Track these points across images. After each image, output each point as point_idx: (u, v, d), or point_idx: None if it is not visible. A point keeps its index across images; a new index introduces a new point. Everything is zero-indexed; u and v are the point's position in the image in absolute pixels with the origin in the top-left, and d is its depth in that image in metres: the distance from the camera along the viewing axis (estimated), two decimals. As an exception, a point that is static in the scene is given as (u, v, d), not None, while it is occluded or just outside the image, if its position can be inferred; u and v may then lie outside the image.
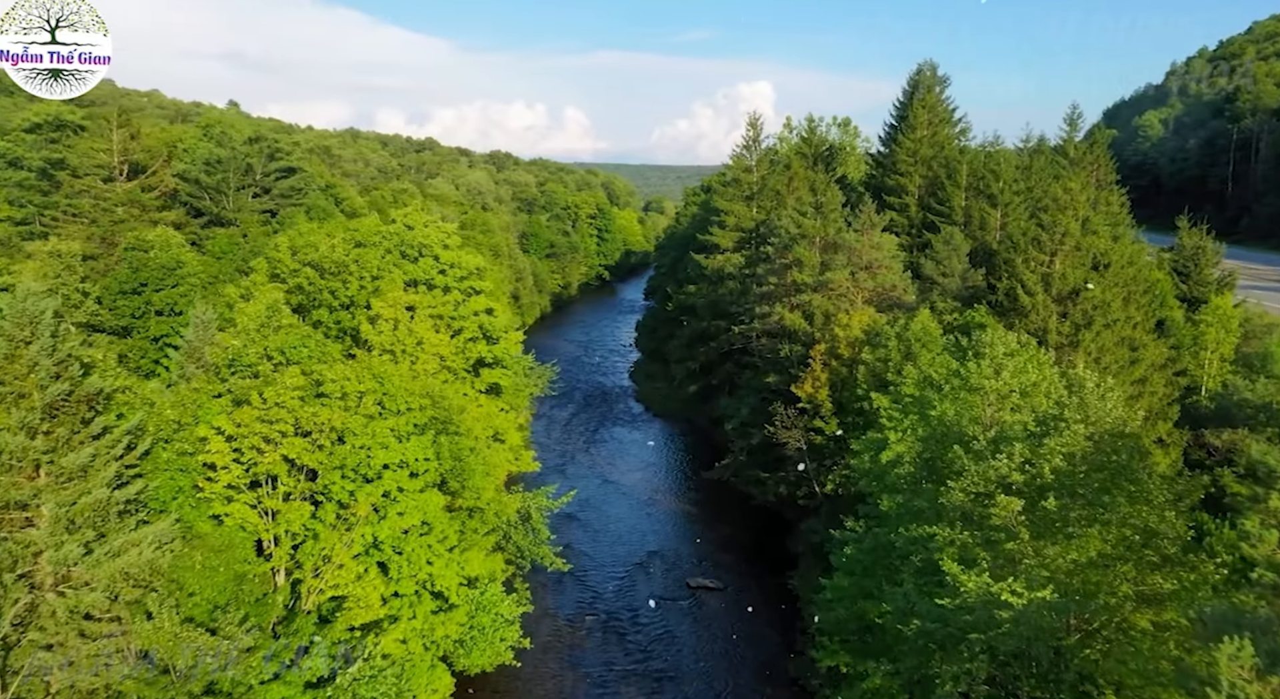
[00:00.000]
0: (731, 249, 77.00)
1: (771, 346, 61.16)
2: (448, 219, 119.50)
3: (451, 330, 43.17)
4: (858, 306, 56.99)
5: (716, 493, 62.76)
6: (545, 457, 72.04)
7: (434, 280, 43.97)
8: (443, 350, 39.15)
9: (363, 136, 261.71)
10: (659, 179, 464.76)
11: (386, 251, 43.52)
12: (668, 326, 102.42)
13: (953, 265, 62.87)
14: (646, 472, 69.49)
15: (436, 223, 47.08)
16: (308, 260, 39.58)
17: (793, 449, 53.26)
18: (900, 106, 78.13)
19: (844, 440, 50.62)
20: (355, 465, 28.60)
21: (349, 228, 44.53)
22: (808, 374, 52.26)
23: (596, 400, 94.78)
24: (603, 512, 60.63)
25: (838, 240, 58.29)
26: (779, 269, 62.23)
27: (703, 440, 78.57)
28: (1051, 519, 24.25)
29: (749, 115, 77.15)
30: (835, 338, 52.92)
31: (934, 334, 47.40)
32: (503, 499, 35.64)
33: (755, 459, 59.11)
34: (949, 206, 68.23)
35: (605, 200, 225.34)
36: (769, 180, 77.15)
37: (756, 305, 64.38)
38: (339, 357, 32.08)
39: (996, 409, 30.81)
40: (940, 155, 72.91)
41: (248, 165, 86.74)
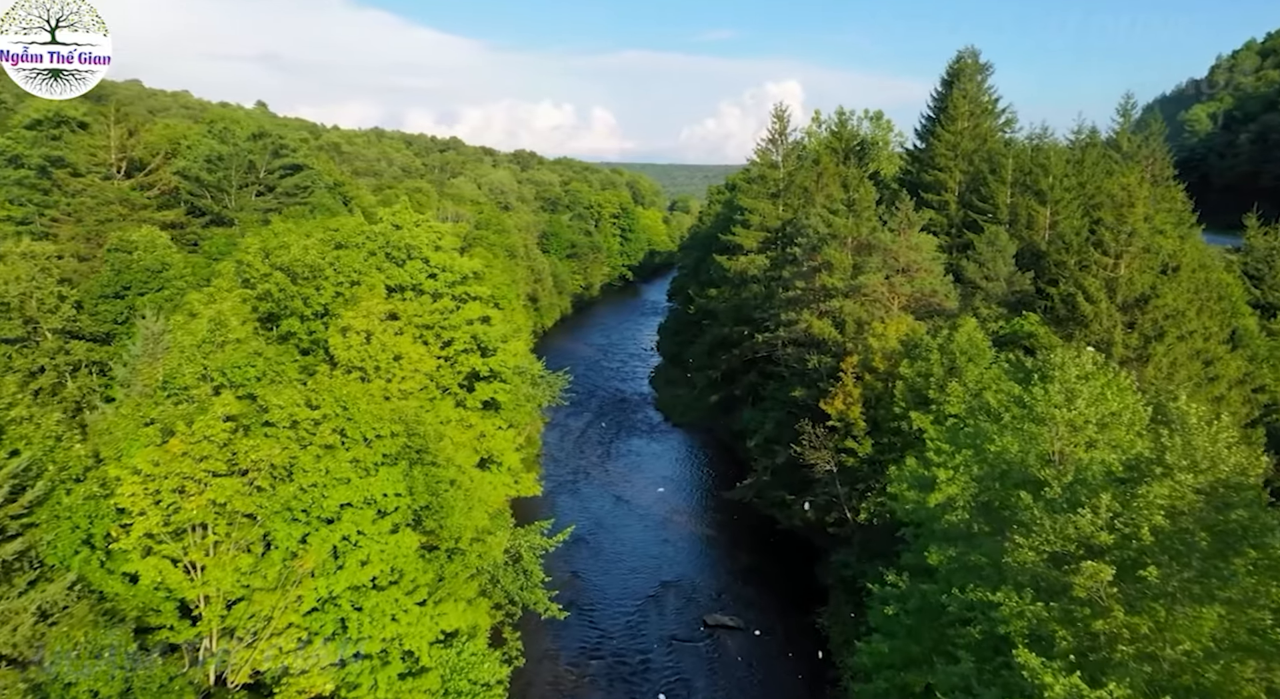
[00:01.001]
0: (756, 250, 72.08)
1: (798, 356, 56.24)
2: (461, 218, 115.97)
3: (441, 341, 38.80)
4: (894, 314, 51.91)
5: (738, 515, 57.98)
6: (556, 471, 67.67)
7: (422, 285, 39.63)
8: (425, 366, 34.77)
9: (387, 136, 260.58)
10: (686, 179, 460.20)
11: (370, 254, 39.25)
12: (690, 330, 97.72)
13: (998, 268, 57.64)
14: (663, 489, 64.79)
15: (428, 222, 42.75)
16: (279, 263, 35.40)
17: (821, 471, 48.35)
18: (938, 97, 72.80)
19: (879, 464, 45.63)
20: (305, 507, 24.26)
21: (328, 227, 40.37)
22: (838, 389, 47.30)
23: (613, 408, 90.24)
24: (615, 535, 56.05)
25: (872, 241, 53.26)
26: (807, 272, 57.27)
27: (724, 454, 73.73)
28: (1153, 594, 19.28)
29: (775, 106, 72.30)
30: (869, 349, 47.91)
31: (981, 346, 42.32)
32: (488, 539, 31.20)
33: (780, 479, 54.25)
34: (993, 204, 62.89)
35: (629, 199, 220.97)
36: (796, 176, 72.14)
37: (782, 311, 59.47)
38: (295, 376, 27.79)
39: (1066, 443, 25.81)
40: (982, 149, 67.54)
41: (250, 162, 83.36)
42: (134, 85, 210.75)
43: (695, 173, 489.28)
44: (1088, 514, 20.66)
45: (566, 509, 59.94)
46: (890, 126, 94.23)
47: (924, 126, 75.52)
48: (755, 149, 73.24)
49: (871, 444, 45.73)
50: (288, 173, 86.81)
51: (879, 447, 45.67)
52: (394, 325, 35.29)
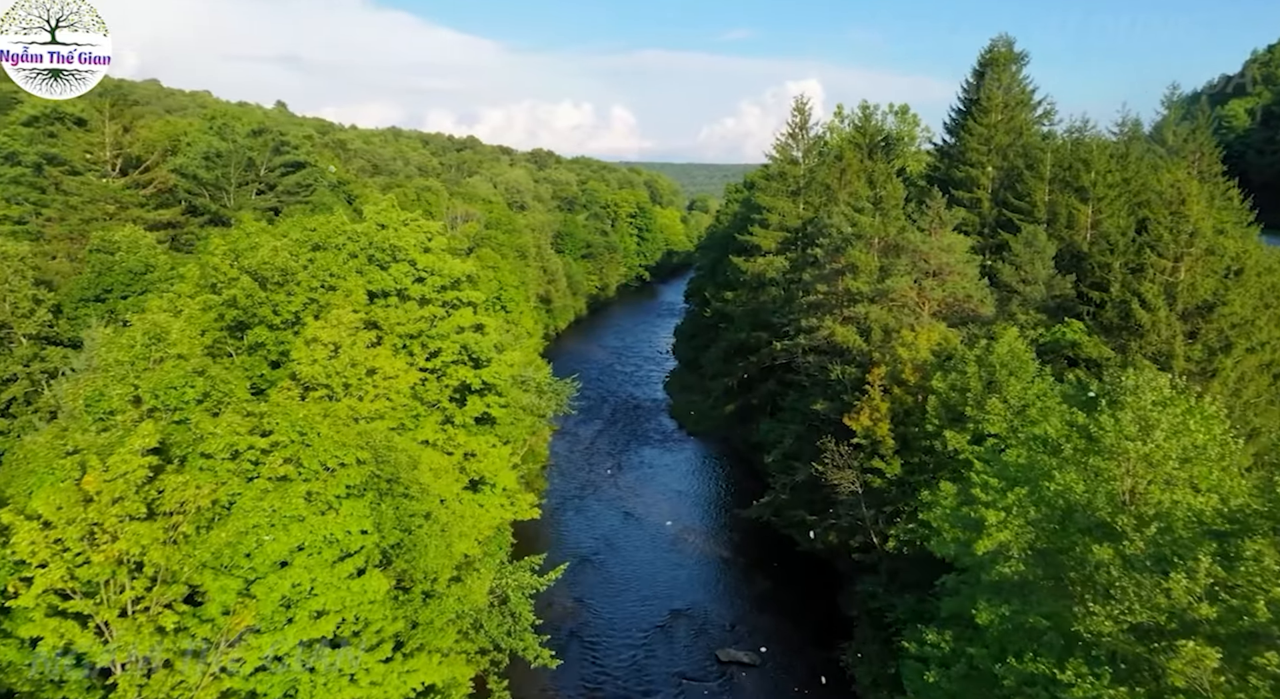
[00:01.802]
0: (774, 251, 68.20)
1: (820, 365, 52.35)
2: (471, 218, 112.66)
3: (427, 352, 35.31)
4: (924, 321, 47.94)
5: (754, 535, 54.17)
6: (563, 485, 64.16)
7: (408, 291, 36.14)
8: (403, 382, 31.24)
9: (404, 135, 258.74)
10: (705, 178, 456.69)
11: (350, 256, 35.84)
12: (706, 334, 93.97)
13: (1036, 271, 53.47)
14: (675, 504, 61.08)
15: (417, 221, 39.25)
16: (247, 266, 32.05)
17: (845, 492, 44.47)
18: (970, 88, 68.56)
19: (909, 485, 41.71)
20: (248, 551, 20.80)
21: (305, 227, 37.02)
22: (864, 402, 43.39)
23: (626, 416, 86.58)
24: (622, 556, 52.38)
25: (900, 241, 49.31)
26: (829, 275, 53.39)
27: (740, 466, 69.90)
28: (1272, 686, 15.40)
29: (795, 99, 68.40)
30: (897, 359, 43.98)
31: (1023, 358, 38.31)
32: (470, 580, 27.63)
33: (799, 498, 50.39)
34: (1030, 202, 58.67)
35: (646, 198, 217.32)
36: (818, 173, 68.18)
37: (802, 317, 55.60)
38: (244, 397, 24.35)
39: (1140, 480, 21.89)
40: (1018, 143, 63.31)
41: (250, 159, 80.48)
42: (152, 84, 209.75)
43: (714, 172, 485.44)
44: (1181, 578, 16.80)
45: (572, 528, 56.40)
46: (916, 121, 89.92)
47: (953, 120, 71.36)
48: (774, 143, 69.41)
49: (901, 464, 41.84)
50: (289, 170, 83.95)
51: (909, 467, 41.78)
52: (371, 335, 31.81)
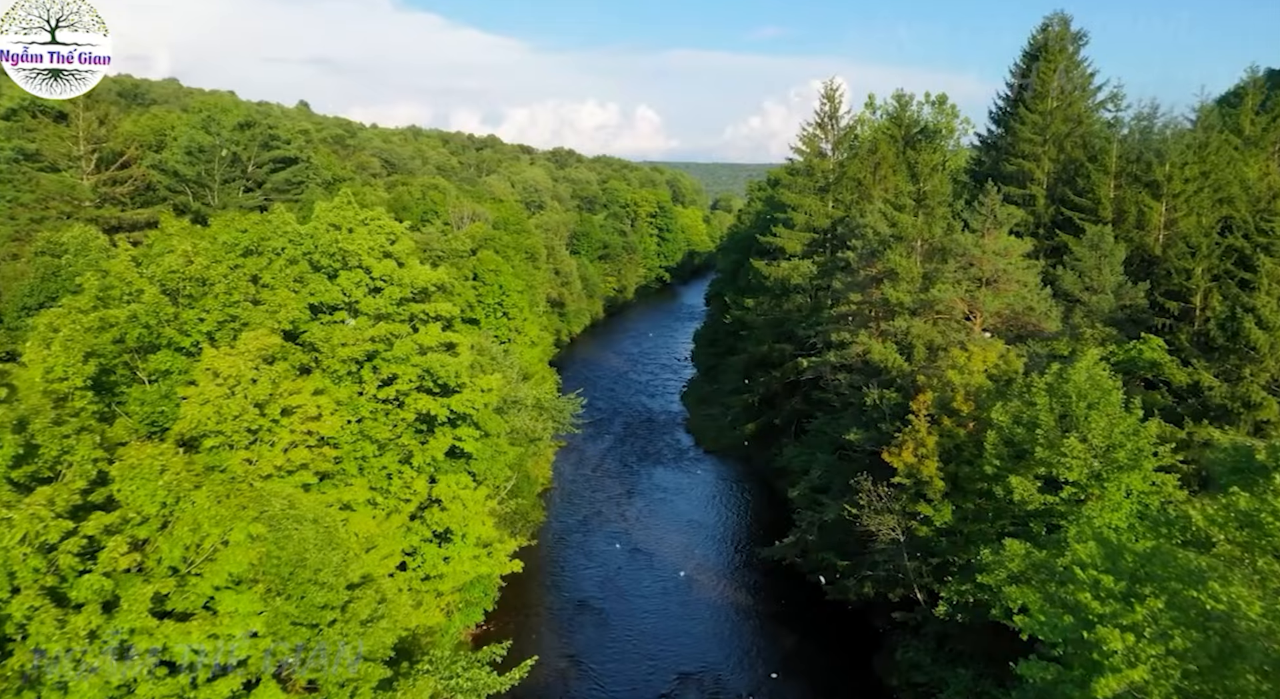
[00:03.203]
0: (800, 254, 61.54)
1: (852, 384, 45.74)
2: (479, 217, 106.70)
3: (379, 379, 29.19)
4: (975, 336, 41.15)
5: (777, 578, 47.63)
6: (566, 513, 57.94)
7: (359, 304, 30.07)
8: (328, 426, 25.03)
9: (424, 134, 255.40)
10: (730, 177, 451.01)
11: (290, 262, 29.79)
12: (726, 340, 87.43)
13: (1103, 278, 46.50)
14: (688, 538, 54.60)
15: (379, 220, 33.11)
16: (154, 275, 26.13)
17: (885, 539, 37.83)
18: (1020, 72, 61.45)
19: (963, 537, 35.02)
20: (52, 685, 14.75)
21: (237, 227, 31.03)
22: (907, 435, 36.69)
23: (639, 430, 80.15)
24: (626, 601, 46.00)
25: (947, 244, 42.55)
26: (863, 282, 46.69)
27: (762, 490, 63.32)
28: None
29: (824, 84, 61.56)
30: (946, 383, 37.26)
31: (1105, 386, 31.46)
32: (402, 692, 21.33)
33: (829, 539, 43.80)
34: (1092, 198, 51.62)
35: (668, 198, 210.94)
36: (849, 167, 61.41)
37: (832, 330, 48.92)
38: (87, 456, 18.20)
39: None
40: (1076, 132, 56.21)
41: (234, 155, 75.06)
42: (170, 83, 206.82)
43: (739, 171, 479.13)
44: None
45: (571, 567, 50.13)
46: (955, 113, 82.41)
47: (1000, 110, 64.28)
48: (800, 134, 62.62)
49: (951, 510, 35.11)
50: (279, 166, 78.53)
51: (961, 513, 35.06)
52: (299, 360, 25.70)
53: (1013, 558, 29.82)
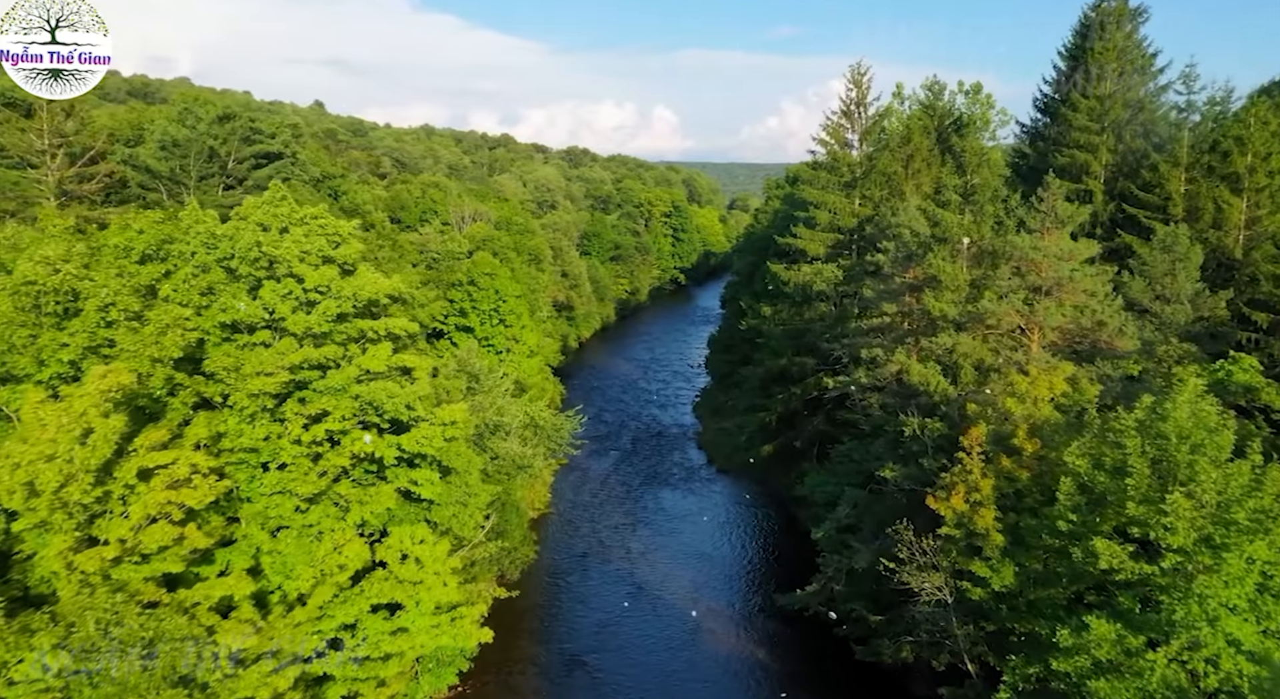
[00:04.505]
0: (824, 257, 55.39)
1: (887, 407, 39.70)
2: (481, 217, 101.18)
3: (305, 418, 23.54)
4: (1034, 356, 34.93)
5: (799, 628, 41.62)
6: (561, 545, 52.18)
7: (285, 322, 24.44)
8: (199, 493, 19.34)
9: (437, 133, 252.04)
10: (746, 177, 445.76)
11: (200, 269, 24.19)
12: (742, 347, 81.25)
13: (1178, 285, 40.23)
14: (697, 576, 48.65)
15: (320, 219, 27.43)
16: (8, 287, 20.62)
17: (929, 600, 31.73)
18: (1069, 54, 55.04)
19: (1026, 602, 28.86)
20: None
21: (133, 227, 25.46)
22: (956, 476, 30.57)
23: (648, 446, 74.26)
24: (625, 655, 40.17)
25: (998, 246, 36.40)
26: (898, 290, 40.59)
27: (780, 518, 57.27)
28: None
29: (851, 69, 55.35)
30: (1004, 414, 31.14)
31: (1212, 423, 25.22)
32: None
33: (860, 588, 37.74)
34: (1160, 193, 45.26)
35: (682, 197, 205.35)
36: (878, 160, 55.21)
37: (861, 344, 42.82)
38: None
39: None
40: (1138, 119, 49.80)
41: (211, 149, 69.94)
42: (181, 82, 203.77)
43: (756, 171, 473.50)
44: None
45: (564, 614, 44.38)
46: (990, 103, 75.77)
47: (1046, 97, 57.94)
48: (823, 124, 56.40)
49: (1014, 570, 28.95)
50: (260, 162, 73.34)
51: (1025, 575, 28.91)
52: (191, 395, 20.07)
53: (1099, 643, 23.83)
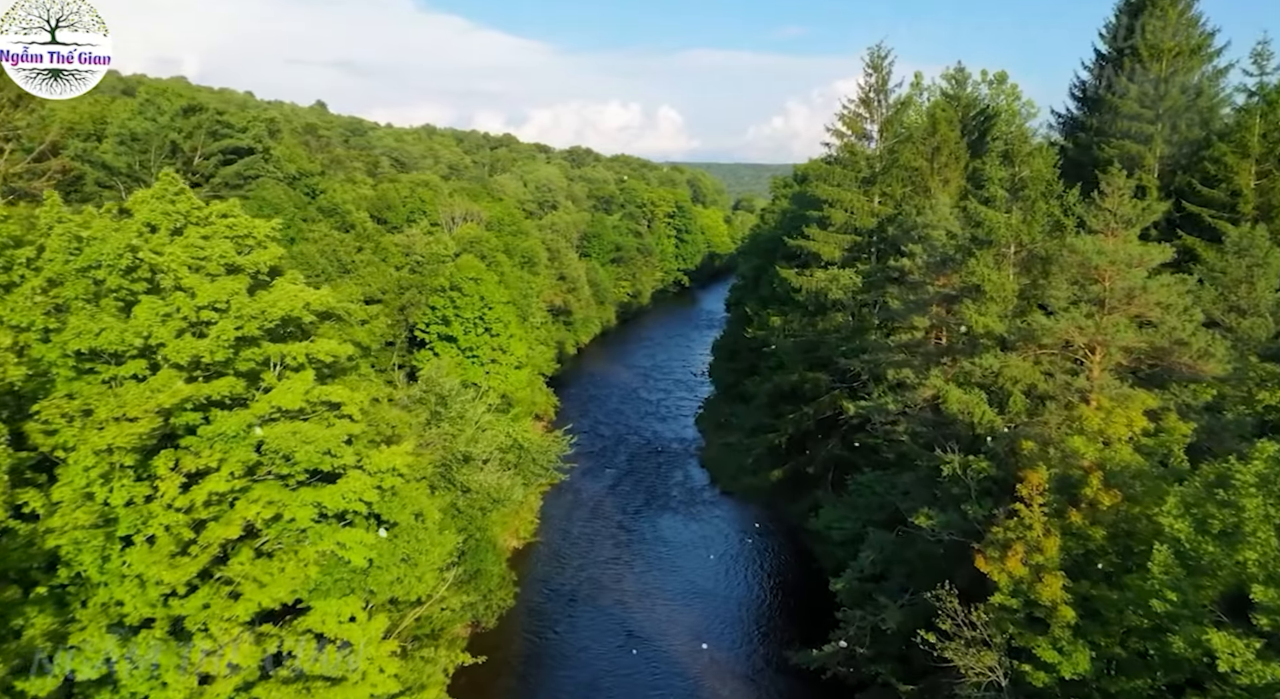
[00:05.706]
0: (839, 262, 49.81)
1: (917, 437, 34.16)
2: (472, 218, 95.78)
3: (182, 477, 18.17)
4: (1097, 381, 29.29)
5: (815, 690, 36.02)
6: (549, 580, 46.84)
7: (164, 349, 19.10)
8: None
9: (438, 133, 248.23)
10: (752, 178, 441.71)
11: (51, 281, 18.80)
12: (747, 356, 75.70)
13: (1256, 295, 34.59)
14: (699, 618, 43.18)
15: (230, 218, 22.08)
16: None
17: (979, 682, 26.12)
18: (1112, 34, 49.41)
19: (1104, 695, 23.23)
20: None
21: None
22: (1011, 530, 24.99)
23: (647, 463, 68.83)
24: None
25: (1052, 250, 30.83)
26: (929, 301, 35.00)
27: (790, 550, 51.77)
28: None
29: (870, 54, 49.82)
30: (1069, 455, 25.54)
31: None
32: None
33: (887, 649, 32.24)
34: (1227, 189, 39.64)
35: (686, 197, 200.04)
36: (900, 154, 49.65)
37: (887, 362, 37.22)
38: None
39: None
40: (1195, 106, 44.18)
41: (173, 144, 64.82)
42: (178, 82, 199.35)
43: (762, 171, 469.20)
44: None
45: (550, 672, 38.84)
46: (1017, 93, 70.13)
47: (1087, 85, 52.36)
48: (839, 114, 50.79)
49: (1089, 652, 23.34)
50: (229, 159, 68.23)
51: (1103, 660, 23.32)
52: (25, 451, 14.72)
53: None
